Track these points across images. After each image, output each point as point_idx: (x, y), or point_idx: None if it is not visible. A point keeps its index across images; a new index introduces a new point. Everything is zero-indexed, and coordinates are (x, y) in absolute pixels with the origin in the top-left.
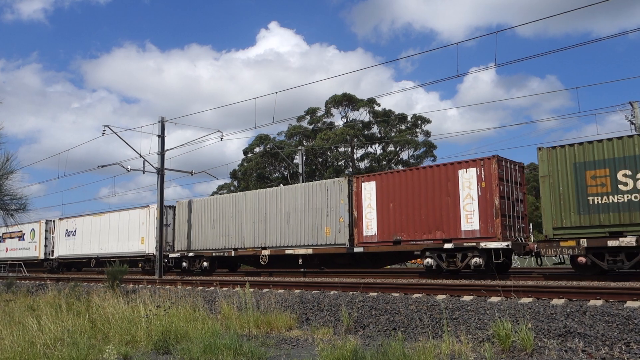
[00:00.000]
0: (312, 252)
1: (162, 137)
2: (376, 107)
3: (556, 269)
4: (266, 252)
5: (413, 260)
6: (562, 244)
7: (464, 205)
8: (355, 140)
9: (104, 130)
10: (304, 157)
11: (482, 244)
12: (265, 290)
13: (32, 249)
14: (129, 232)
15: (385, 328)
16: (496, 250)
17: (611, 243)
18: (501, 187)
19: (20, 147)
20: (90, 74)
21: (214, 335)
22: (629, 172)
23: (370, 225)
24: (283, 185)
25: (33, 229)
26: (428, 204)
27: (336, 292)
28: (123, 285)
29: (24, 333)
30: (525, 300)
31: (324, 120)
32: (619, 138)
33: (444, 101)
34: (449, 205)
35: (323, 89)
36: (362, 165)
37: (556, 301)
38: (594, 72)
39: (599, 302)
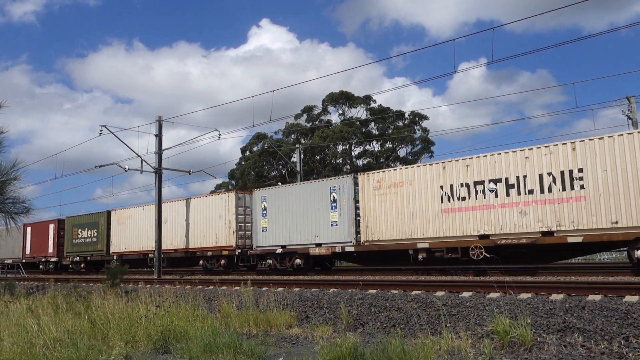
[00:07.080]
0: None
1: (159, 136)
2: (372, 104)
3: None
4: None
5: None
6: (69, 259)
7: (49, 242)
8: (354, 137)
9: (100, 130)
10: (302, 156)
11: (51, 259)
12: (264, 288)
13: None
14: None
15: (384, 325)
16: (54, 262)
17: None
18: (61, 233)
19: (13, 148)
20: (77, 72)
21: (214, 334)
22: (82, 230)
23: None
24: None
25: None
26: (43, 240)
27: (335, 289)
28: (122, 285)
29: (24, 334)
30: (524, 295)
31: (321, 118)
32: (90, 214)
33: (436, 97)
34: (45, 242)
35: (314, 85)
36: (361, 162)
37: (555, 296)
38: (585, 66)
39: (598, 297)
